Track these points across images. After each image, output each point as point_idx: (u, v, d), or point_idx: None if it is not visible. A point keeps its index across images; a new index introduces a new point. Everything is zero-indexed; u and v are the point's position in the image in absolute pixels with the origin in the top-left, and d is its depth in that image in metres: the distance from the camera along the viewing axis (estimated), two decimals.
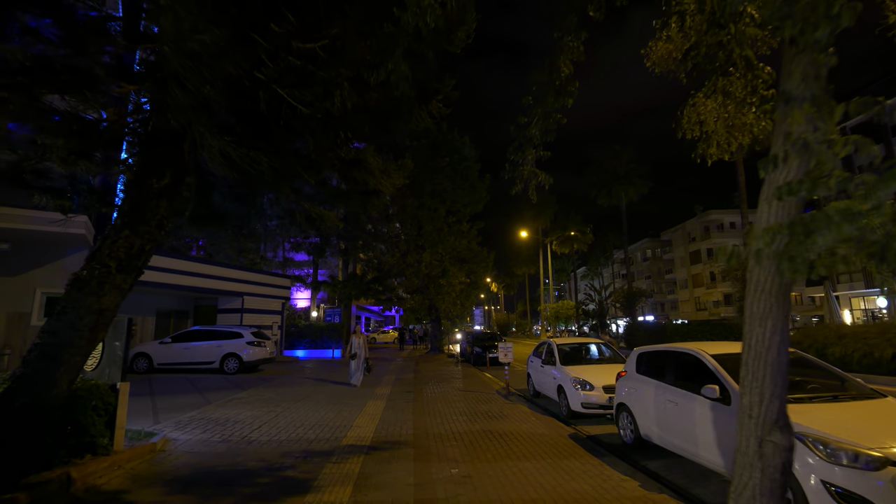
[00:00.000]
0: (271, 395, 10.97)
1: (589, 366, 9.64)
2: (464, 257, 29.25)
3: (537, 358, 11.55)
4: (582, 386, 8.72)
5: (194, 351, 15.02)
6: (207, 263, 18.35)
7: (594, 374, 8.97)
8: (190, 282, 16.93)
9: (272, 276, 22.41)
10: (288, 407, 9.38)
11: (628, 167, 34.07)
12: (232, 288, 19.15)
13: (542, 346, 11.78)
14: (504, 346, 12.12)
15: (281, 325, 22.69)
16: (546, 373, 10.34)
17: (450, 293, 28.62)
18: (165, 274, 16.05)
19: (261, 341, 15.58)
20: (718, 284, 57.32)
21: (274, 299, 22.18)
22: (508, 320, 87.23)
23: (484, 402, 10.50)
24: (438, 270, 27.74)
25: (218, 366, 15.00)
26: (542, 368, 10.59)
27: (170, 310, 19.21)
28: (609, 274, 70.69)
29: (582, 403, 8.59)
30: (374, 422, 8.30)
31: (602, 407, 8.44)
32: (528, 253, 66.35)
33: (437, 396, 11.40)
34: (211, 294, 18.93)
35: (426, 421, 8.46)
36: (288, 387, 12.52)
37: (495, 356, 21.10)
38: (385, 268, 26.51)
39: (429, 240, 27.77)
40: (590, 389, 8.62)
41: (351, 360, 12.71)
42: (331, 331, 24.02)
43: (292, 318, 26.98)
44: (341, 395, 11.37)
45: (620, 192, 33.87)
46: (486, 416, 8.95)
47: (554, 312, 48.87)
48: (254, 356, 15.21)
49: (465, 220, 29.63)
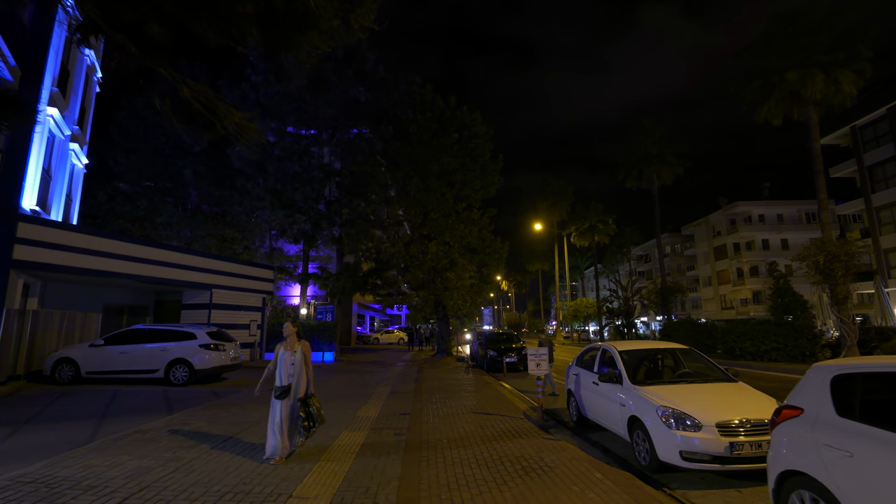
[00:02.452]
0: (202, 424, 7.63)
1: (679, 386, 6.18)
2: (474, 247, 25.82)
3: (584, 370, 8.12)
4: (678, 422, 5.29)
5: (132, 356, 11.77)
6: (163, 248, 15.14)
7: (696, 402, 5.54)
8: (140, 270, 13.72)
9: (249, 267, 19.18)
10: (205, 454, 6.02)
11: (661, 145, 30.37)
12: (196, 279, 15.91)
13: (590, 353, 8.34)
14: (535, 352, 8.70)
15: (262, 324, 19.44)
16: (604, 394, 6.91)
17: (458, 288, 25.23)
18: (108, 260, 12.85)
19: (220, 344, 12.30)
20: (747, 281, 53.38)
21: (252, 294, 18.93)
22: (520, 320, 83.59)
23: (510, 437, 7.11)
24: (446, 262, 24.36)
25: (163, 375, 11.74)
26: (598, 388, 7.16)
27: (122, 305, 16.03)
28: (626, 271, 66.86)
29: (682, 452, 5.16)
30: (334, 483, 4.94)
31: (718, 459, 5.02)
32: (541, 248, 62.73)
33: (441, 425, 8.03)
34: (171, 286, 15.72)
35: (422, 480, 5.10)
36: (238, 408, 9.19)
37: (513, 361, 17.70)
38: (384, 258, 23.14)
39: (435, 228, 24.40)
40: (694, 429, 5.19)
41: (274, 404, 5.51)
42: (322, 330, 20.72)
43: (280, 316, 23.74)
44: None
45: (652, 173, 30.16)
46: (520, 467, 5.56)
47: (572, 310, 45.20)
48: (209, 363, 11.92)
49: (476, 207, 26.23)
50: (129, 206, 23.38)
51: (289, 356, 5.59)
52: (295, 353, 5.62)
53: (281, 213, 21.01)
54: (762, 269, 50.42)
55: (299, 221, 21.23)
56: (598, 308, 36.80)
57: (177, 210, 23.27)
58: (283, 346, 5.67)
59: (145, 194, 23.24)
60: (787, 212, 54.08)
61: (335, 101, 20.91)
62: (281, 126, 21.29)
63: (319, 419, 5.60)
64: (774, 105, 16.77)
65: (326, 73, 20.84)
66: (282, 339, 5.76)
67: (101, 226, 22.02)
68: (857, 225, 46.46)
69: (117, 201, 23.25)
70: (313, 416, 5.52)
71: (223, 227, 23.26)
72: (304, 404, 5.52)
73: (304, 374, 5.63)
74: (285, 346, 5.65)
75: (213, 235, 23.78)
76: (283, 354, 5.62)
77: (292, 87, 20.43)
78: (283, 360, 5.58)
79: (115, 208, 23.27)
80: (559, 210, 49.57)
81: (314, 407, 5.58)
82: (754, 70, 17.33)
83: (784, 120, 17.07)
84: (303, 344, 5.69)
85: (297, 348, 5.64)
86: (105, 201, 23.16)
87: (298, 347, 5.67)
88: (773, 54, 16.58)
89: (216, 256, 18.50)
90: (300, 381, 5.61)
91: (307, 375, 5.69)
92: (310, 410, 5.52)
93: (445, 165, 23.92)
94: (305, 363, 5.67)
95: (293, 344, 5.66)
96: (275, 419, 5.46)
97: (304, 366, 5.65)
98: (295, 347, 5.64)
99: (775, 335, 17.00)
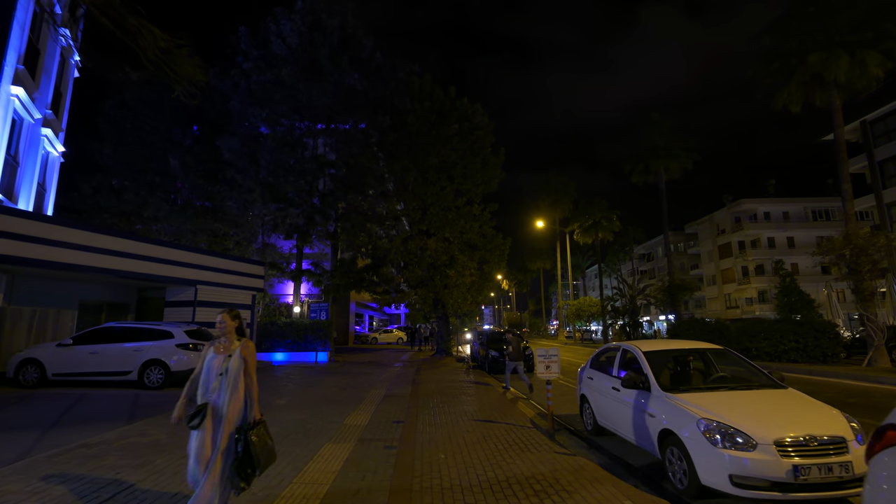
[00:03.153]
0: (163, 435, 6.66)
1: (720, 394, 5.21)
2: (475, 243, 24.84)
3: (600, 373, 7.16)
4: (726, 439, 4.33)
5: (103, 357, 10.81)
6: (143, 241, 14.15)
7: (745, 414, 4.59)
8: (117, 264, 12.74)
9: (238, 262, 18.18)
10: (153, 476, 5.05)
11: (669, 137, 29.34)
12: (179, 274, 14.94)
13: (607, 354, 7.39)
14: (545, 353, 7.71)
15: (251, 322, 18.46)
16: (626, 402, 5.95)
17: (458, 286, 24.25)
18: (82, 253, 11.88)
19: (199, 343, 11.33)
20: (752, 279, 52.39)
21: (241, 290, 17.95)
22: (520, 319, 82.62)
23: (518, 451, 6.15)
24: (445, 258, 23.38)
25: (136, 377, 10.78)
26: (618, 394, 6.20)
27: (100, 301, 15.07)
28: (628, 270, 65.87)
29: (732, 476, 4.19)
30: None
31: (778, 486, 4.06)
32: (543, 246, 61.77)
33: (439, 435, 7.07)
34: (153, 282, 14.74)
35: None
36: None
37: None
38: (380, 253, 22.16)
39: (434, 223, 23.43)
40: (746, 447, 4.23)
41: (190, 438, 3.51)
42: (315, 329, 19.79)
43: (273, 314, 22.78)
44: (279, 428, 7.10)
45: (659, 166, 29.12)
46: (532, 492, 4.61)
47: (575, 310, 44.19)
48: (187, 364, 10.95)
49: (477, 202, 25.25)
50: (116, 199, 22.39)
51: (218, 362, 3.62)
52: (229, 357, 3.62)
53: (273, 207, 20.01)
54: (768, 268, 49.46)
55: (292, 216, 20.24)
56: (602, 307, 35.78)
57: (165, 204, 22.27)
58: (212, 346, 3.73)
59: (132, 188, 22.25)
60: (793, 209, 53.12)
61: (330, 89, 19.91)
62: (272, 115, 20.30)
63: (265, 459, 3.55)
64: (794, 90, 15.78)
65: (321, 60, 19.87)
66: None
67: (86, 220, 21.04)
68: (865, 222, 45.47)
69: (103, 195, 22.24)
70: (254, 456, 3.44)
71: (213, 221, 22.26)
72: (240, 438, 3.46)
73: (239, 391, 3.57)
74: (216, 348, 3.70)
75: (204, 231, 22.79)
76: (211, 359, 3.64)
77: (284, 74, 19.44)
78: (209, 367, 3.62)
79: (101, 202, 22.27)
80: (561, 207, 48.55)
81: (257, 442, 3.49)
82: (773, 53, 16.34)
83: (804, 106, 16.12)
84: (244, 345, 3.70)
85: (233, 350, 3.66)
86: (90, 195, 22.15)
87: (236, 349, 3.66)
88: (792, 36, 15.62)
89: (201, 251, 17.54)
90: (232, 399, 3.52)
91: (246, 393, 3.63)
92: (249, 448, 3.42)
93: (445, 158, 22.96)
94: (246, 373, 3.64)
95: (229, 344, 3.71)
96: (191, 460, 3.42)
97: (244, 377, 3.62)
98: (231, 349, 3.67)
99: (794, 334, 16.03)
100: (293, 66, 19.97)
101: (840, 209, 54.49)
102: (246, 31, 20.70)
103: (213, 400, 3.52)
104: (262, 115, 20.24)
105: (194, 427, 3.41)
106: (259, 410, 3.66)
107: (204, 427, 3.43)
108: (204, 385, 3.61)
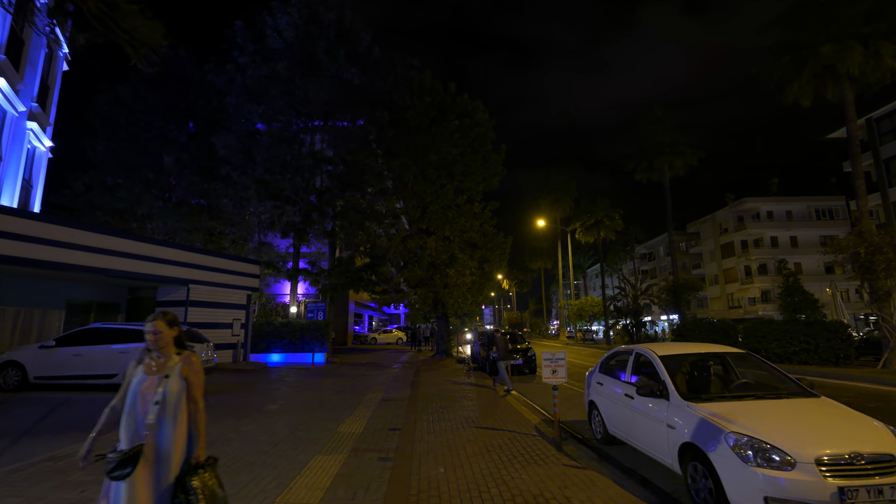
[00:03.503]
0: None
1: (747, 403, 4.74)
2: (475, 242, 24.35)
3: (611, 378, 6.69)
4: (760, 456, 3.85)
5: (87, 359, 10.33)
6: (132, 239, 13.68)
7: (779, 427, 4.12)
8: (105, 262, 12.29)
9: (232, 261, 17.72)
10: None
11: (673, 134, 28.82)
12: (171, 273, 14.47)
13: (617, 357, 6.92)
14: (551, 357, 7.22)
15: (245, 322, 18.00)
16: (641, 411, 5.48)
17: (459, 286, 23.76)
18: (68, 251, 11.42)
19: (188, 345, 10.84)
20: (755, 279, 51.88)
21: (236, 290, 17.50)
22: (521, 319, 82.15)
23: (524, 463, 5.68)
24: (445, 257, 22.89)
25: (122, 380, 10.28)
26: (631, 402, 5.73)
27: (89, 301, 14.61)
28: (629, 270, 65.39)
29: (767, 499, 3.71)
30: None
31: None
32: (543, 245, 61.28)
33: (438, 444, 6.60)
34: (143, 281, 14.28)
35: None
36: None
37: (518, 363, 16.40)
38: (379, 252, 21.68)
39: (434, 221, 22.93)
40: (784, 466, 3.75)
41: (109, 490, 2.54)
42: (312, 330, 19.31)
43: (270, 314, 22.31)
44: (268, 436, 6.64)
45: (664, 163, 28.59)
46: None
47: (577, 309, 43.67)
48: None
49: (478, 200, 24.76)
50: (109, 197, 21.93)
51: (151, 385, 2.65)
52: (166, 378, 2.67)
53: (269, 205, 19.54)
54: (771, 268, 48.96)
55: (288, 213, 19.78)
56: (605, 307, 35.29)
57: (159, 202, 21.79)
58: (141, 363, 2.76)
59: (126, 185, 21.79)
60: (797, 208, 52.67)
61: (327, 84, 19.44)
62: (269, 111, 19.82)
63: None
64: (805, 83, 15.29)
65: (318, 54, 19.40)
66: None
67: (78, 218, 20.57)
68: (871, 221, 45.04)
69: (96, 192, 21.78)
70: None
71: (209, 219, 21.78)
72: (180, 486, 2.56)
73: (180, 424, 2.67)
74: (146, 366, 2.72)
75: (199, 229, 22.32)
76: (140, 382, 2.67)
77: (280, 68, 18.96)
78: (136, 393, 2.64)
79: (94, 200, 21.80)
80: (562, 206, 48.04)
81: (201, 490, 2.54)
82: (783, 45, 15.83)
83: (814, 100, 15.63)
84: (185, 361, 2.77)
85: (171, 368, 2.72)
86: (83, 192, 21.69)
87: (175, 367, 2.73)
88: (803, 27, 15.12)
89: (194, 249, 17.09)
90: (172, 435, 2.62)
91: (189, 424, 2.73)
92: (190, 501, 2.51)
93: (445, 155, 22.48)
94: (190, 398, 2.74)
95: (165, 361, 2.75)
96: None
97: (186, 404, 2.72)
98: (167, 367, 2.72)
99: (805, 335, 15.54)
100: (290, 60, 19.51)
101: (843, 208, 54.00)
102: (242, 25, 20.26)
103: (150, 439, 2.54)
104: (259, 110, 19.78)
105: (120, 478, 2.42)
106: (206, 448, 2.74)
107: (135, 477, 2.44)
108: (133, 418, 2.58)
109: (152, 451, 2.56)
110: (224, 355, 16.59)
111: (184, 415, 2.70)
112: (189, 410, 2.74)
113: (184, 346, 2.91)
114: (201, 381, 2.83)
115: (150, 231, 22.71)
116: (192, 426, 2.74)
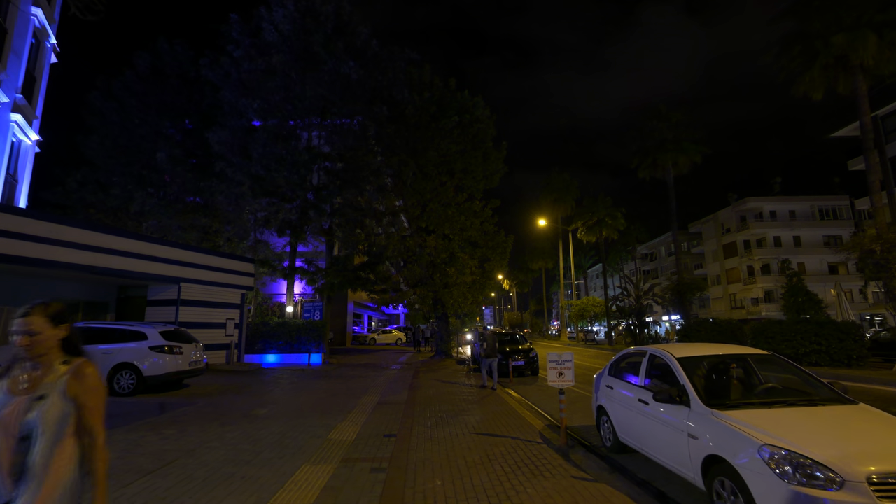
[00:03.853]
0: (115, 455, 5.73)
1: (780, 411, 4.26)
2: (476, 241, 23.89)
3: (622, 382, 6.22)
4: (800, 472, 3.38)
5: None
6: (120, 235, 13.20)
7: (819, 439, 3.65)
8: (91, 259, 11.84)
9: (225, 259, 17.26)
10: None
11: (677, 131, 28.29)
12: (161, 271, 14.01)
13: (629, 359, 6.44)
14: (557, 358, 6.74)
15: (240, 322, 17.53)
16: (658, 418, 5.01)
17: (459, 285, 23.29)
18: (51, 247, 10.97)
19: (176, 346, 10.40)
20: (758, 279, 51.38)
21: (229, 289, 17.03)
22: (522, 319, 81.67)
23: (529, 474, 5.21)
24: (445, 256, 22.42)
25: (105, 383, 9.82)
26: (645, 408, 5.26)
27: (76, 300, 14.14)
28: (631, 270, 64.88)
29: None
30: None
31: None
32: (544, 245, 60.84)
33: (436, 453, 6.14)
34: (133, 279, 13.82)
35: None
36: (175, 429, 7.32)
37: (520, 364, 15.97)
38: (377, 251, 21.21)
39: (434, 219, 22.46)
40: (829, 484, 3.27)
41: None
42: (309, 330, 18.83)
43: (266, 314, 21.84)
44: (252, 445, 6.17)
45: (668, 160, 28.10)
46: None
47: (578, 310, 43.16)
48: (161, 368, 10.03)
49: (478, 198, 24.30)
50: (102, 194, 21.48)
51: (15, 412, 1.74)
52: (41, 399, 1.76)
53: (264, 202, 19.07)
54: (774, 268, 48.47)
55: (285, 211, 19.31)
56: (607, 307, 34.81)
57: (153, 199, 21.31)
58: (6, 378, 1.83)
59: (119, 182, 21.33)
60: (800, 208, 52.20)
61: (324, 78, 18.98)
62: (265, 106, 19.35)
63: None
64: (817, 74, 14.81)
65: (314, 47, 18.95)
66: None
67: (70, 215, 20.12)
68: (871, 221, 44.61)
69: (88, 189, 21.33)
70: None
71: (203, 217, 21.31)
72: None
73: (61, 468, 1.74)
74: (12, 383, 1.81)
75: (194, 227, 21.85)
76: (6, 402, 1.76)
77: (276, 62, 18.50)
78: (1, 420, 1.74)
79: (86, 196, 21.35)
80: (564, 205, 47.57)
81: None
82: (795, 34, 15.35)
83: (826, 93, 15.15)
84: (75, 373, 1.83)
85: (48, 385, 1.79)
86: (75, 189, 21.24)
87: (59, 381, 1.80)
88: (816, 16, 14.65)
89: (186, 246, 16.60)
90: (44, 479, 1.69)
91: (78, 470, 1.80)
92: None
93: (445, 152, 22.03)
94: (82, 429, 1.81)
95: (42, 375, 1.82)
96: None
97: (73, 440, 1.80)
98: (43, 382, 1.80)
99: (816, 336, 15.05)
100: (286, 54, 19.06)
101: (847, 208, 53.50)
102: (237, 19, 19.82)
103: (13, 497, 1.68)
104: (254, 105, 19.31)
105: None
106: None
107: None
108: None
109: None
110: (217, 356, 16.13)
111: (66, 455, 1.75)
112: (82, 446, 1.81)
113: (78, 353, 1.93)
114: (100, 403, 1.85)
115: (145, 229, 22.24)
116: (88, 473, 1.81)
